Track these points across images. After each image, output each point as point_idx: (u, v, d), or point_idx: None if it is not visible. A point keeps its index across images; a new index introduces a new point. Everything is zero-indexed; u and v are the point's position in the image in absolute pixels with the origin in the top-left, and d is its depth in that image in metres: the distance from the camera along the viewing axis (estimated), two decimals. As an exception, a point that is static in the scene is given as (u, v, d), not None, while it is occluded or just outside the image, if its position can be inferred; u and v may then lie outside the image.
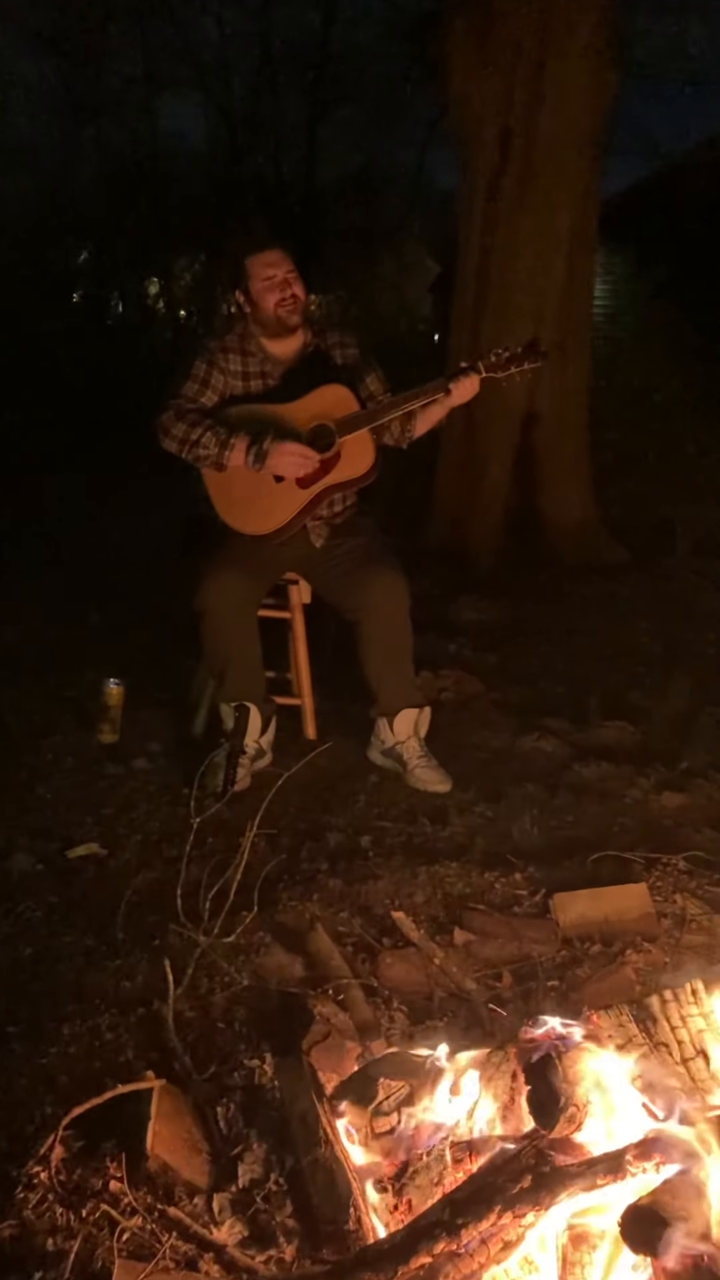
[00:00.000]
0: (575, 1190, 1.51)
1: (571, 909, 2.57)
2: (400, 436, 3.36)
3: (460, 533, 5.71)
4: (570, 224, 5.58)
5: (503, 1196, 1.52)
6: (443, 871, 2.76)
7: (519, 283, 5.58)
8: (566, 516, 5.79)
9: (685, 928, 2.54)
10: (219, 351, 3.32)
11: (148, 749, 3.49)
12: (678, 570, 5.65)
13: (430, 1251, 1.51)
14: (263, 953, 2.38)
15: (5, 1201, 1.67)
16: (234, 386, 3.33)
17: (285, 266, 3.27)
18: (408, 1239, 1.54)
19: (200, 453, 3.16)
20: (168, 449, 3.20)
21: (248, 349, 3.34)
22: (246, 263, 3.31)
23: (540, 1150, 1.57)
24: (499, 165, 5.57)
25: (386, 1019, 2.23)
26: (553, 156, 5.47)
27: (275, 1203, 1.75)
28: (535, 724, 3.74)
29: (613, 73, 5.55)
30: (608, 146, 5.82)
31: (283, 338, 3.33)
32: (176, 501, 3.82)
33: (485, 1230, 1.53)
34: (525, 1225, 1.54)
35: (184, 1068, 2.01)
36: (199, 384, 3.29)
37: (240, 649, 3.22)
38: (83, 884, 2.72)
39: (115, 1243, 1.60)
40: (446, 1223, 1.52)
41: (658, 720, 3.84)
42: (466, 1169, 1.68)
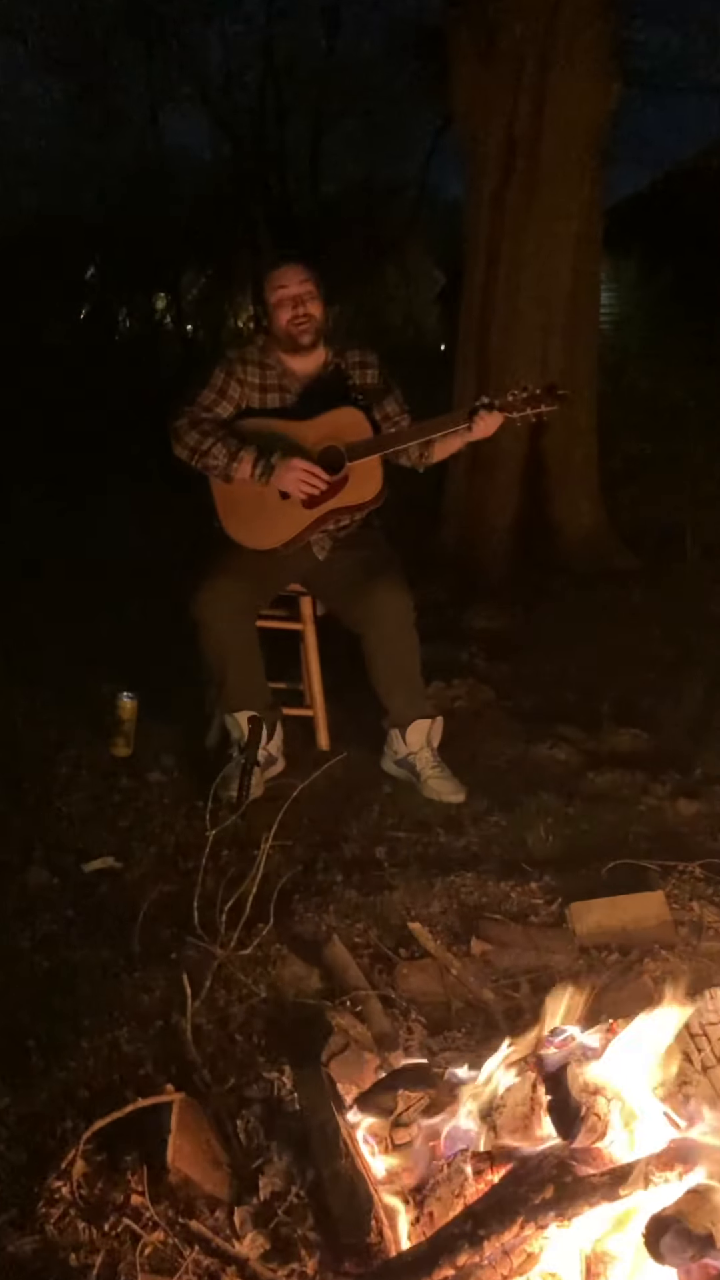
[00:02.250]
0: (598, 1200, 1.51)
1: (588, 918, 2.56)
2: (418, 460, 3.38)
3: (470, 540, 5.71)
4: (576, 233, 5.60)
5: (525, 1207, 1.52)
6: (458, 881, 2.76)
7: (526, 292, 5.59)
8: (576, 523, 5.79)
9: (703, 935, 2.53)
10: (238, 362, 3.35)
11: (161, 762, 3.49)
12: (688, 576, 5.64)
13: (453, 1263, 1.51)
14: (280, 964, 2.38)
15: (27, 1216, 1.68)
16: (251, 398, 3.35)
17: (302, 284, 3.28)
18: (430, 1251, 1.53)
19: (209, 463, 3.18)
20: (178, 455, 3.23)
21: (267, 362, 3.36)
22: (266, 278, 3.36)
23: (562, 1160, 1.57)
24: (504, 176, 5.59)
25: (405, 1030, 2.22)
26: (557, 166, 5.48)
27: (297, 1215, 1.74)
28: (549, 732, 3.73)
29: (614, 83, 5.57)
30: (611, 155, 5.84)
31: (299, 354, 3.35)
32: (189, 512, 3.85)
33: (508, 1242, 1.52)
34: (547, 1236, 1.54)
35: (203, 1080, 2.01)
36: (216, 393, 3.31)
37: (238, 659, 3.23)
38: (99, 897, 2.73)
39: (138, 1257, 1.60)
40: (469, 1234, 1.52)
41: (671, 727, 3.83)
42: (488, 1180, 1.67)
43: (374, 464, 3.25)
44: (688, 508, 6.13)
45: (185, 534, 4.38)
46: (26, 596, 5.12)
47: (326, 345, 3.39)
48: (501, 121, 5.56)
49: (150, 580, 5.20)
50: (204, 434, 3.20)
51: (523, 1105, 1.82)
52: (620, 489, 6.21)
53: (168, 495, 5.32)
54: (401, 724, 3.31)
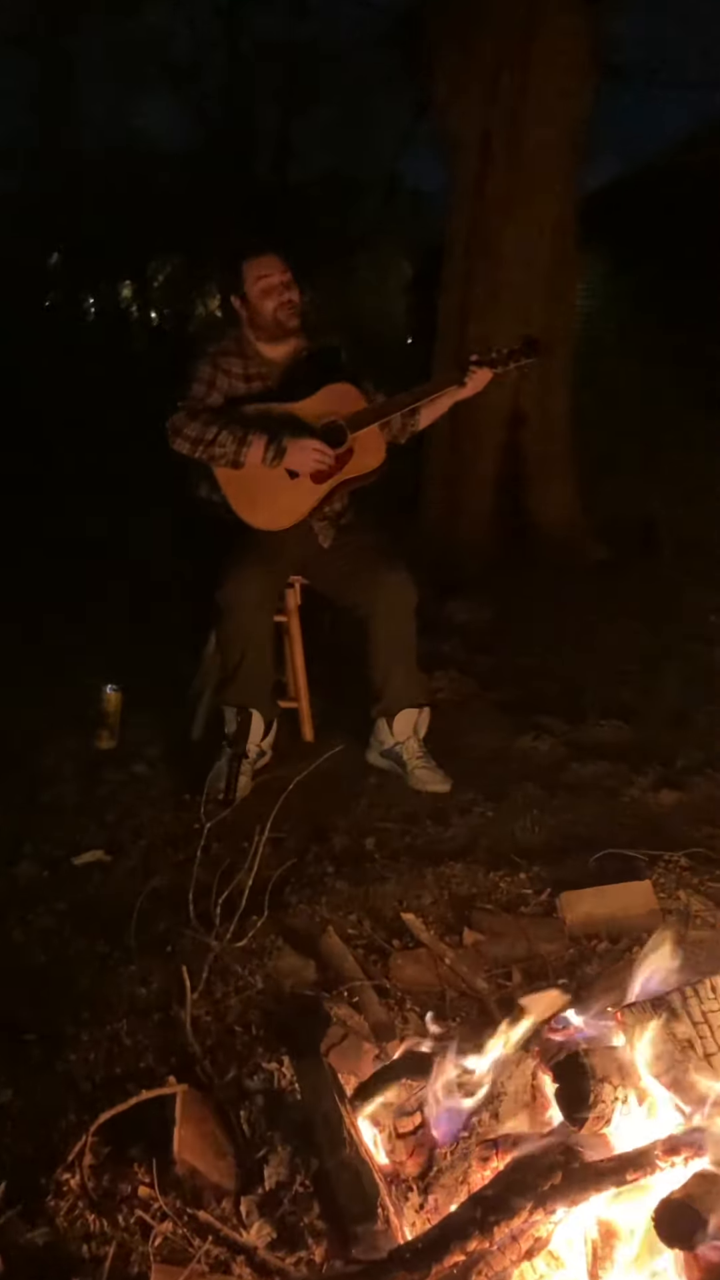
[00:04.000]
0: (605, 1186, 1.53)
1: (578, 907, 2.59)
2: (400, 432, 3.40)
3: (448, 533, 5.73)
4: (554, 222, 5.63)
5: (534, 1194, 1.54)
6: (448, 872, 2.78)
7: (505, 284, 5.62)
8: (553, 516, 5.83)
9: (690, 924, 2.57)
10: (220, 355, 3.36)
11: (146, 754, 3.49)
12: (662, 569, 5.69)
13: (463, 1250, 1.53)
14: (275, 956, 2.40)
15: (37, 1209, 1.68)
16: (236, 388, 3.35)
17: (282, 271, 3.30)
18: (440, 1238, 1.55)
19: (217, 451, 3.18)
20: (179, 450, 3.22)
21: (246, 352, 3.38)
22: (243, 267, 3.35)
23: (568, 1147, 1.60)
24: (483, 167, 5.61)
25: (400, 1020, 2.24)
26: (536, 158, 5.50)
27: (302, 1204, 1.76)
28: (531, 723, 3.76)
29: (593, 75, 5.59)
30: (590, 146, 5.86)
31: (279, 341, 3.37)
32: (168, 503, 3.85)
33: (517, 1227, 1.55)
34: (555, 1222, 1.57)
35: (204, 1072, 2.02)
36: (206, 386, 3.31)
37: (256, 649, 3.24)
38: (91, 890, 2.73)
39: (150, 1248, 1.61)
40: (479, 1221, 1.54)
41: (651, 719, 3.87)
42: (494, 1167, 1.70)
43: (375, 434, 3.31)
44: (660, 500, 6.18)
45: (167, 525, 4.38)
46: (4, 588, 5.09)
47: (300, 331, 3.41)
48: (481, 111, 5.57)
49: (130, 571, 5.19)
50: (206, 424, 3.19)
51: (524, 1092, 1.85)
52: (594, 482, 6.25)
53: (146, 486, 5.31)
54: (392, 711, 3.33)
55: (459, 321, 5.84)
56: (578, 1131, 1.56)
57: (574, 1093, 1.56)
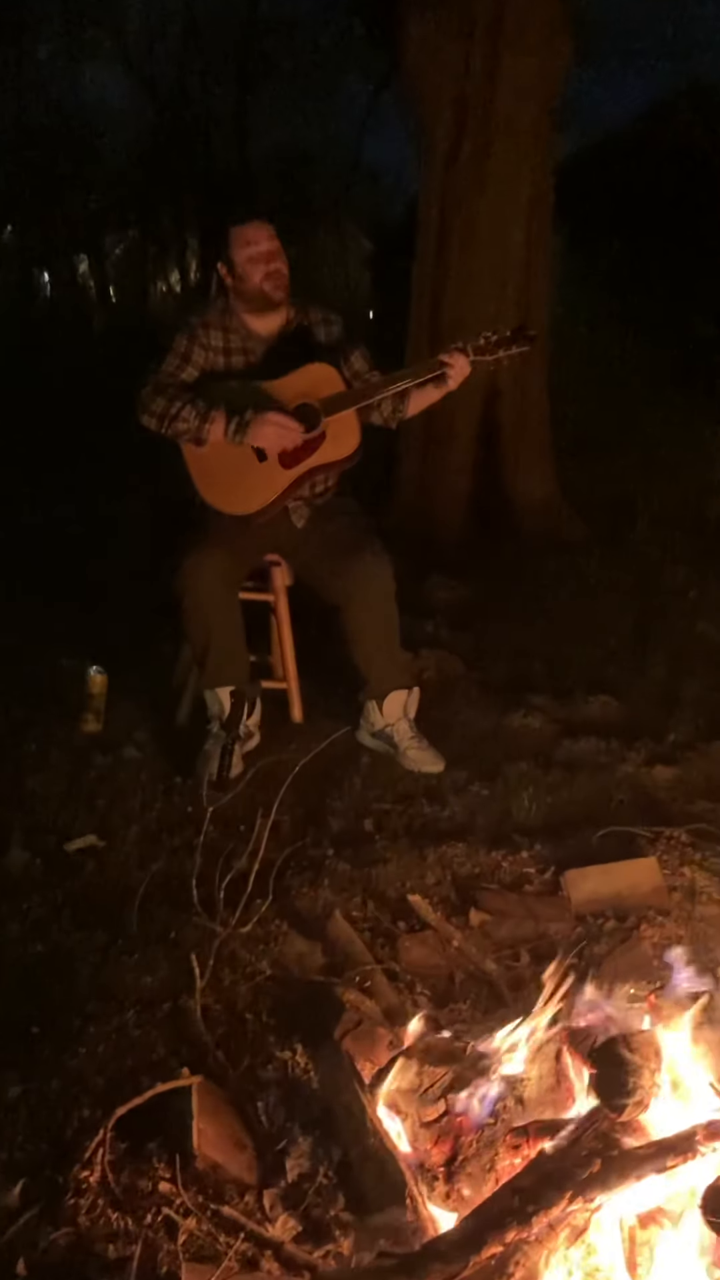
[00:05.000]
0: (646, 1173, 1.51)
1: (583, 886, 2.57)
2: (390, 417, 3.33)
3: (425, 511, 5.66)
4: (529, 196, 5.53)
5: (573, 1182, 1.52)
6: (450, 852, 2.75)
7: (479, 257, 5.52)
8: (530, 493, 5.78)
9: (696, 900, 2.56)
10: (201, 327, 3.26)
11: (134, 737, 3.41)
12: (638, 545, 5.67)
13: (501, 1241, 1.50)
14: (281, 941, 2.36)
15: (57, 1209, 1.63)
16: (215, 362, 3.26)
17: (271, 240, 3.21)
18: (476, 1229, 1.52)
19: (180, 426, 3.09)
20: (146, 425, 3.13)
21: (229, 325, 3.28)
22: (231, 235, 3.24)
23: (605, 1133, 1.57)
24: (456, 137, 5.50)
25: (411, 1003, 2.21)
26: (510, 127, 5.40)
27: (327, 1196, 1.73)
28: (520, 701, 3.73)
29: (567, 43, 5.51)
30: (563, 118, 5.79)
31: (265, 313, 3.27)
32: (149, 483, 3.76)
33: (555, 1216, 1.52)
34: (592, 1209, 1.54)
35: (218, 1063, 1.97)
36: (180, 359, 3.22)
37: (222, 631, 3.16)
38: (86, 877, 2.66)
39: (177, 1246, 1.57)
40: (517, 1210, 1.51)
41: (638, 694, 3.85)
42: (525, 1155, 1.67)
43: (350, 419, 3.20)
44: (636, 477, 6.16)
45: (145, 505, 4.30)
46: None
47: (289, 303, 3.32)
48: (453, 82, 5.45)
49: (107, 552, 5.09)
50: (171, 399, 3.11)
51: (549, 1077, 1.83)
52: (570, 458, 6.21)
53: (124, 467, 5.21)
54: (379, 694, 3.28)
55: (432, 297, 5.74)
56: (615, 1118, 1.54)
57: (613, 1079, 1.53)
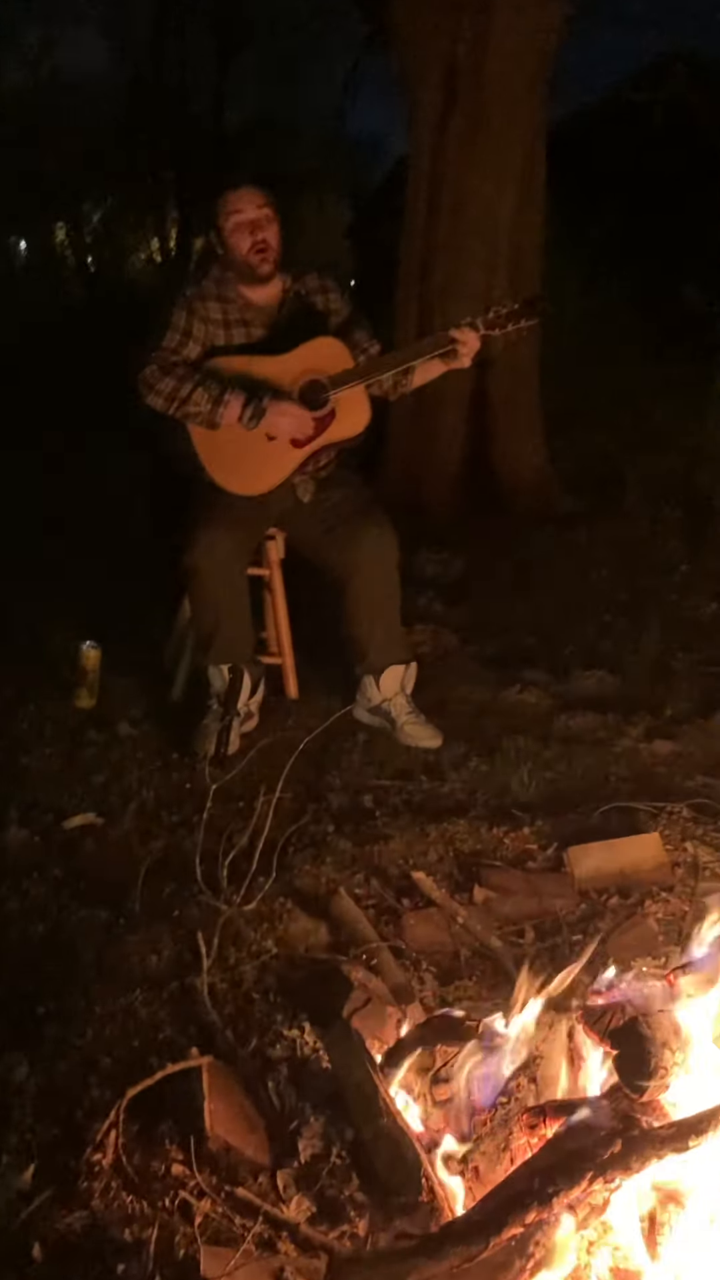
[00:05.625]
0: (666, 1153, 1.50)
1: (586, 862, 2.56)
2: (392, 389, 3.28)
3: (416, 484, 5.62)
4: (520, 165, 5.47)
5: (593, 1163, 1.50)
6: (451, 829, 2.73)
7: (470, 227, 5.46)
8: (521, 466, 5.75)
9: (700, 875, 2.55)
10: (198, 299, 3.18)
11: (129, 714, 3.38)
12: (629, 518, 5.65)
13: (522, 1222, 1.49)
14: (286, 919, 2.34)
15: (70, 1192, 1.61)
16: (215, 335, 3.19)
17: (259, 208, 3.13)
18: (497, 1210, 1.51)
19: (191, 409, 3.03)
20: (153, 405, 3.06)
21: (226, 295, 3.21)
22: (220, 200, 3.17)
23: (625, 1113, 1.56)
24: (447, 105, 5.42)
25: (417, 981, 2.20)
26: (502, 94, 5.33)
27: (341, 1177, 1.72)
28: (515, 676, 3.72)
29: (560, 7, 5.42)
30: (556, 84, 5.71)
31: (257, 285, 3.21)
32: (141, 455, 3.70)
33: (575, 1197, 1.51)
34: (612, 1189, 1.53)
35: (227, 1043, 1.95)
36: (181, 334, 3.15)
37: (231, 609, 3.13)
38: (85, 855, 2.64)
39: (194, 1229, 1.55)
40: (538, 1192, 1.49)
41: (634, 669, 3.85)
42: (541, 1135, 1.66)
43: (360, 394, 3.16)
44: (626, 449, 6.13)
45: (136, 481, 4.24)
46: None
47: (283, 273, 3.26)
48: (443, 47, 5.37)
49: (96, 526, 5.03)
50: (180, 380, 3.04)
51: (561, 1055, 1.81)
52: (560, 430, 6.17)
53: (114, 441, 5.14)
54: (378, 668, 3.25)
55: (421, 268, 5.68)
56: (637, 1099, 1.52)
57: (634, 1059, 1.51)
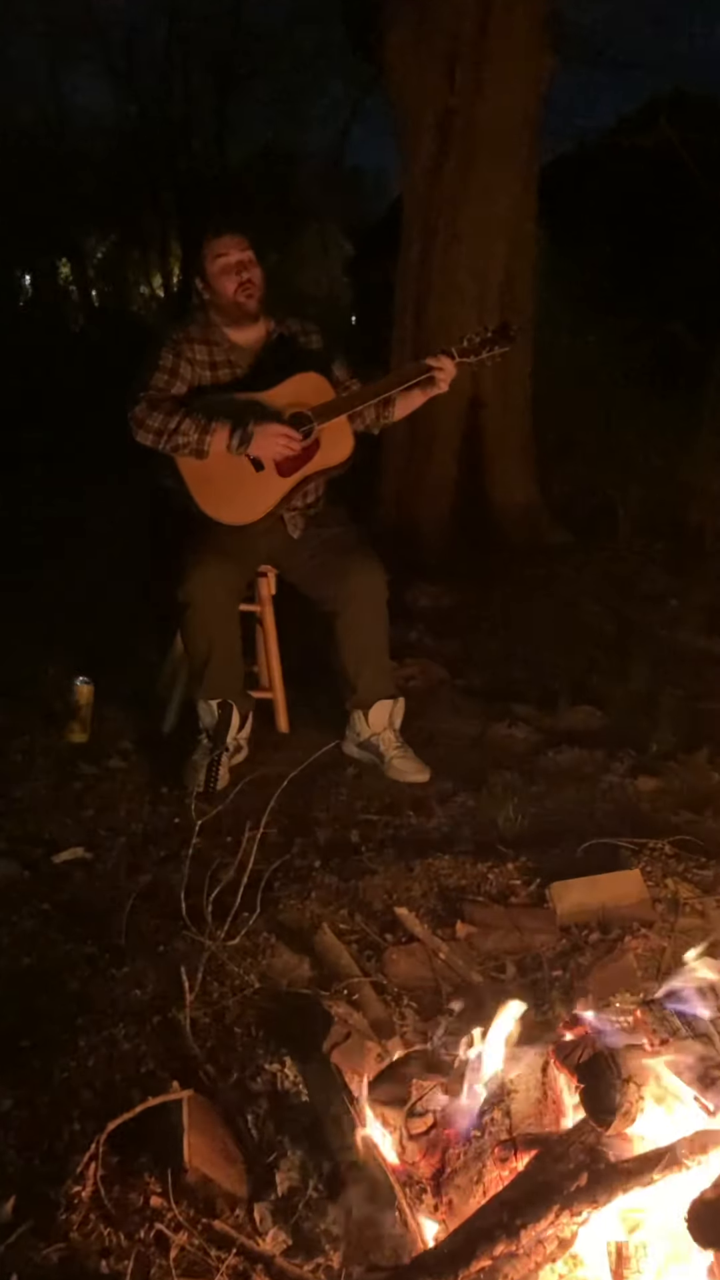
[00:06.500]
0: (632, 1186, 1.53)
1: (568, 897, 2.59)
2: (374, 423, 3.35)
3: (408, 518, 5.69)
4: (512, 206, 5.57)
5: (560, 1195, 1.53)
6: (436, 864, 2.76)
7: (463, 266, 5.56)
8: (512, 499, 5.81)
9: (680, 911, 2.58)
10: (184, 342, 3.27)
11: (120, 747, 3.42)
12: (620, 551, 5.72)
13: (490, 1254, 1.52)
14: (269, 954, 2.37)
15: (49, 1224, 1.64)
16: (202, 377, 3.28)
17: (243, 251, 3.23)
18: (466, 1242, 1.54)
19: (180, 440, 3.10)
20: (142, 441, 3.14)
21: (212, 338, 3.30)
22: (204, 248, 3.27)
23: (591, 1147, 1.59)
24: (440, 148, 5.53)
25: (398, 1016, 2.23)
26: (494, 138, 5.44)
27: (317, 1210, 1.74)
28: (504, 711, 3.76)
29: (550, 53, 5.55)
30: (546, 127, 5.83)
31: (243, 325, 3.30)
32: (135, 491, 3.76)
33: (543, 1230, 1.54)
34: (579, 1223, 1.56)
35: (208, 1076, 1.98)
36: (168, 374, 3.23)
37: (222, 644, 3.18)
38: (73, 889, 2.67)
39: (169, 1261, 1.58)
40: (505, 1224, 1.53)
41: (622, 704, 3.89)
42: (512, 1167, 1.69)
43: (344, 426, 3.24)
44: (616, 483, 6.20)
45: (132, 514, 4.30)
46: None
47: (268, 315, 3.34)
48: (437, 91, 5.49)
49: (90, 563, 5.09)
50: (169, 413, 3.12)
51: (535, 1090, 1.84)
52: (551, 464, 6.25)
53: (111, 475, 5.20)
54: (366, 703, 3.30)
55: (416, 305, 5.77)
56: (603, 1132, 1.56)
57: (600, 1094, 1.55)
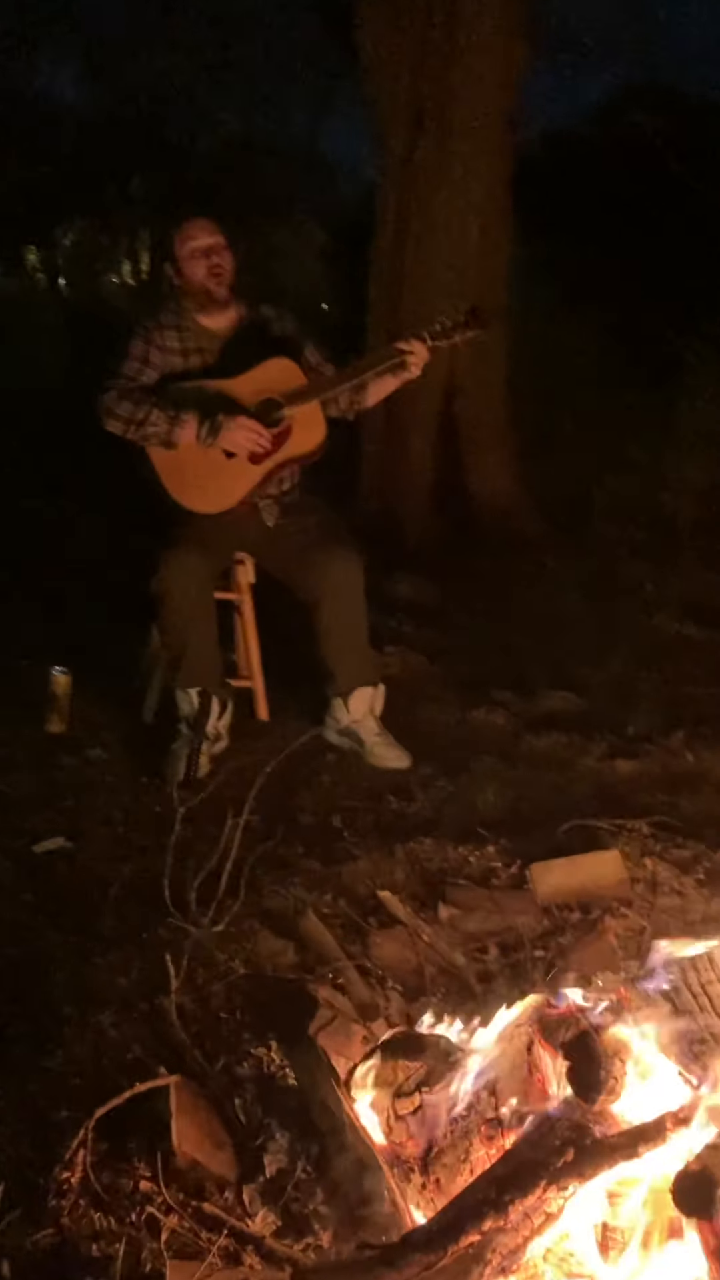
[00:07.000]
0: (618, 1160, 1.55)
1: (548, 879, 2.62)
2: (348, 408, 3.35)
3: (387, 508, 5.70)
4: (486, 194, 5.58)
5: (547, 1171, 1.55)
6: (418, 848, 2.79)
7: (437, 255, 5.56)
8: (490, 489, 5.84)
9: (658, 891, 2.61)
10: (155, 329, 3.28)
11: (100, 737, 3.42)
12: (597, 540, 5.75)
13: (479, 1230, 1.54)
14: (254, 940, 2.38)
15: (39, 1210, 1.65)
16: (173, 364, 3.28)
17: (213, 236, 3.24)
18: (455, 1219, 1.56)
19: (149, 431, 3.10)
20: (112, 430, 3.14)
21: (183, 324, 3.30)
22: (174, 233, 3.27)
23: (578, 1123, 1.61)
24: (414, 137, 5.54)
25: (382, 999, 2.24)
26: (467, 127, 5.44)
27: (305, 1191, 1.76)
28: (483, 697, 3.78)
29: (523, 43, 5.55)
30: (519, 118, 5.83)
31: (214, 311, 3.30)
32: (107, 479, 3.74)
33: (530, 1205, 1.56)
34: (566, 1197, 1.58)
35: (195, 1061, 1.99)
36: (139, 362, 3.23)
37: (198, 633, 3.18)
38: (56, 879, 2.67)
39: (160, 1244, 1.59)
40: (494, 1200, 1.54)
41: (598, 689, 3.92)
42: (499, 1145, 1.71)
43: (315, 412, 3.23)
44: (594, 471, 6.22)
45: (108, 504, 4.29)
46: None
47: (239, 301, 3.34)
48: (410, 81, 5.49)
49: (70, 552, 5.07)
50: (137, 403, 3.12)
51: (520, 1068, 1.86)
52: (528, 453, 6.27)
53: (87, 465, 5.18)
54: (346, 691, 3.31)
55: (390, 294, 5.77)
56: (589, 1108, 1.58)
57: (586, 1070, 1.57)
